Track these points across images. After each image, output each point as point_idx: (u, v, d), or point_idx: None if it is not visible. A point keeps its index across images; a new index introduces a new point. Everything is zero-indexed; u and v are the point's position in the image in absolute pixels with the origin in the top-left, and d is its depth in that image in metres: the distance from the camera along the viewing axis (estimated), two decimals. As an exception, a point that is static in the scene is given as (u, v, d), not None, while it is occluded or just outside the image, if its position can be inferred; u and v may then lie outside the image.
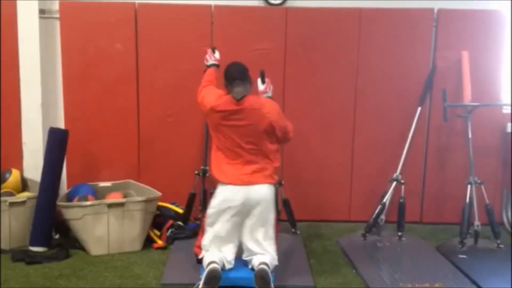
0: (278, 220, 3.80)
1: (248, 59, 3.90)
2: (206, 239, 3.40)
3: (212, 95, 3.47)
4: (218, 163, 3.42)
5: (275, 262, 3.37)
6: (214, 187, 3.49)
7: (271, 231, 3.38)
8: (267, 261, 3.26)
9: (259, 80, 3.71)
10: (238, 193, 3.28)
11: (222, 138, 3.37)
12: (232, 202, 3.29)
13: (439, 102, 4.53)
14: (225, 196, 3.32)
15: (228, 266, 3.36)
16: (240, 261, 3.45)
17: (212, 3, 4.68)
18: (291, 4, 4.75)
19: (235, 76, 3.40)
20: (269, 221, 3.37)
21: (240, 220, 3.34)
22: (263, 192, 3.31)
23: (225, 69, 3.52)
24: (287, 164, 4.79)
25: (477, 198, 4.35)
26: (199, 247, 3.49)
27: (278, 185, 4.46)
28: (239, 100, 3.31)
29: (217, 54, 3.94)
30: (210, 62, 3.91)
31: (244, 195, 3.28)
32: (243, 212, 3.31)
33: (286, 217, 4.53)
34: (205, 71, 3.89)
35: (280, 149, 4.43)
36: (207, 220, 3.41)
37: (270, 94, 3.71)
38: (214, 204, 3.37)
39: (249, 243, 3.36)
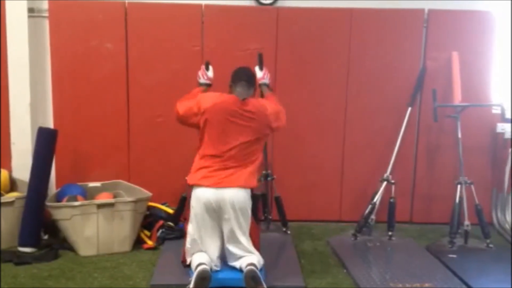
0: (260, 220, 3.75)
1: (239, 58, 3.92)
2: (188, 244, 3.40)
3: (209, 96, 3.46)
4: (196, 168, 3.39)
5: (262, 262, 3.37)
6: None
7: (248, 232, 3.37)
8: (255, 261, 3.26)
9: (256, 67, 3.71)
10: (210, 194, 3.25)
11: (212, 139, 3.34)
12: (206, 204, 3.26)
13: (429, 102, 4.56)
14: (198, 198, 3.29)
15: (214, 268, 3.35)
16: (228, 264, 3.44)
17: (203, 2, 4.66)
18: (282, 4, 4.74)
19: (243, 78, 3.43)
20: (246, 223, 3.34)
21: (218, 222, 3.32)
22: (236, 195, 3.26)
23: (233, 71, 3.52)
24: (278, 164, 4.78)
25: (467, 198, 4.38)
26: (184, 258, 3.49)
27: (270, 179, 4.48)
28: (243, 100, 3.33)
29: (210, 72, 3.79)
30: (202, 81, 3.76)
31: (216, 196, 3.24)
32: (218, 214, 3.28)
33: (278, 216, 4.53)
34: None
35: (271, 149, 4.46)
36: (188, 225, 3.42)
37: (267, 81, 3.71)
38: (191, 207, 3.37)
39: (231, 248, 3.35)
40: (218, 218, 3.31)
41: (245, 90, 3.41)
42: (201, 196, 3.28)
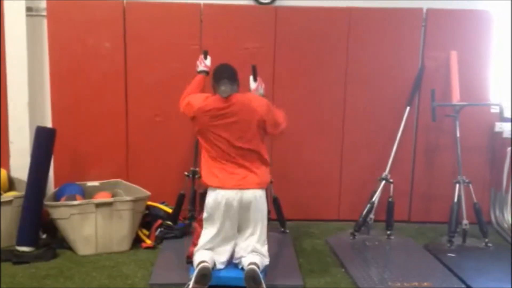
0: (268, 220, 3.77)
1: (237, 57, 3.92)
2: (201, 242, 3.37)
3: (198, 98, 3.44)
4: (209, 169, 3.39)
5: (266, 262, 3.36)
6: (204, 188, 3.48)
7: (263, 234, 3.38)
8: (257, 261, 3.24)
9: (251, 78, 3.67)
10: (229, 197, 3.26)
11: (213, 141, 3.34)
12: (224, 206, 3.26)
13: (427, 101, 4.56)
14: (216, 200, 3.28)
15: (219, 267, 3.35)
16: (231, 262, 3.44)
17: (202, 1, 4.66)
18: (280, 3, 4.74)
19: (223, 75, 3.38)
20: (262, 224, 3.36)
21: (234, 223, 3.32)
22: (255, 196, 3.29)
23: (213, 69, 3.49)
24: (277, 163, 4.76)
25: (465, 197, 4.38)
26: (191, 255, 3.45)
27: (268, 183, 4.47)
28: (226, 98, 3.30)
29: (208, 61, 3.86)
30: (201, 68, 3.84)
31: (236, 199, 3.25)
32: (235, 215, 3.29)
33: (276, 216, 4.52)
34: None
35: (270, 148, 4.46)
36: (203, 225, 3.40)
37: (262, 92, 3.68)
38: (207, 209, 3.34)
39: (240, 246, 3.36)
40: (234, 218, 3.30)
41: (228, 87, 3.34)
42: (219, 198, 3.28)
